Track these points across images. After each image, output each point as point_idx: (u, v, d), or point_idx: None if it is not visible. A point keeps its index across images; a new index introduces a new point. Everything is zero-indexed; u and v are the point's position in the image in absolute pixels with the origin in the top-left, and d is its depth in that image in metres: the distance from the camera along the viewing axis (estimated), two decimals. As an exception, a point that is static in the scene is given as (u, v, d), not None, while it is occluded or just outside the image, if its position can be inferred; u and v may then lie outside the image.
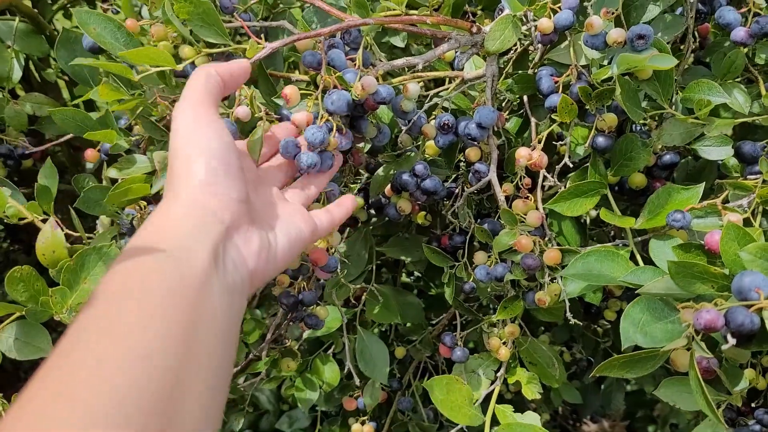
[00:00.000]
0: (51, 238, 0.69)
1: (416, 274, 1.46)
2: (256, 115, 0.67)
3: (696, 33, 0.97)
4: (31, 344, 0.71)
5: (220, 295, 0.48)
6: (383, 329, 1.17)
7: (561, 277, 0.76)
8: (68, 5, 1.53)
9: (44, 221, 0.77)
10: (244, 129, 0.71)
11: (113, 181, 0.74)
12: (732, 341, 0.58)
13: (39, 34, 1.20)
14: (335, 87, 0.69)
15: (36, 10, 1.16)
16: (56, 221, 0.72)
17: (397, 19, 0.70)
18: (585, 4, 0.74)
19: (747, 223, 0.69)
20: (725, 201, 0.73)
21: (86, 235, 0.79)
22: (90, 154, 0.86)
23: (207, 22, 0.68)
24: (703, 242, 0.69)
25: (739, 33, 0.72)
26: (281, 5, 0.96)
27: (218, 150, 0.54)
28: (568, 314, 0.74)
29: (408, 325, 1.20)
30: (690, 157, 0.99)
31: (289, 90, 0.68)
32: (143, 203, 0.77)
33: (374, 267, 1.02)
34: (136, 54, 0.66)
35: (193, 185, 0.52)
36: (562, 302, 0.76)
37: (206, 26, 0.68)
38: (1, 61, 1.12)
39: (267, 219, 0.59)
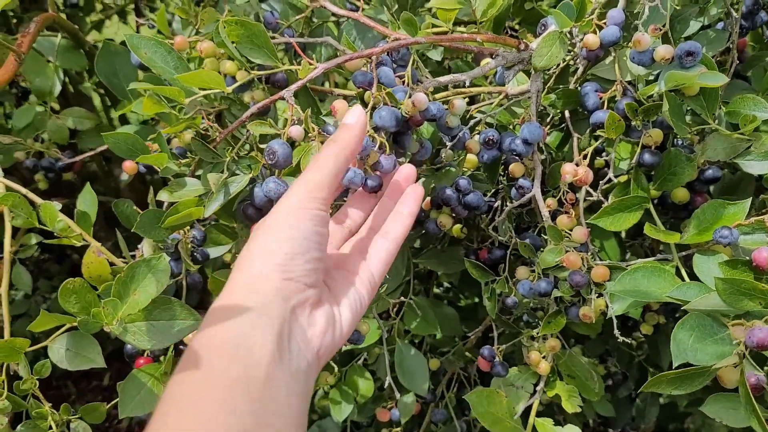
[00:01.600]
0: (96, 263, 0.71)
1: (445, 284, 1.47)
2: (310, 133, 0.68)
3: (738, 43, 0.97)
4: (81, 355, 0.72)
5: (286, 384, 0.49)
6: (416, 341, 1.18)
7: (607, 293, 0.76)
8: (103, 20, 1.56)
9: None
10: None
11: (158, 203, 0.75)
12: (789, 360, 0.59)
13: (78, 49, 1.22)
14: (385, 103, 0.70)
15: (77, 27, 1.19)
16: (98, 248, 0.73)
17: (448, 37, 0.71)
18: (634, 22, 0.74)
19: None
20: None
21: (130, 254, 0.81)
22: (129, 165, 0.87)
23: (257, 44, 0.69)
24: (749, 258, 0.69)
25: (789, 51, 0.72)
26: (316, 20, 0.98)
27: (303, 244, 0.54)
28: (616, 332, 0.74)
29: (438, 336, 1.21)
30: (726, 170, 0.99)
31: (339, 104, 0.69)
32: (186, 228, 0.78)
33: (411, 279, 1.03)
34: (190, 78, 0.67)
35: (271, 263, 0.53)
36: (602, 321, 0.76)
37: (256, 48, 0.70)
38: (44, 76, 1.14)
39: (333, 294, 0.59)
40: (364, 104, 0.71)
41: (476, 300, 1.37)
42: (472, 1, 0.71)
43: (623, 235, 1.10)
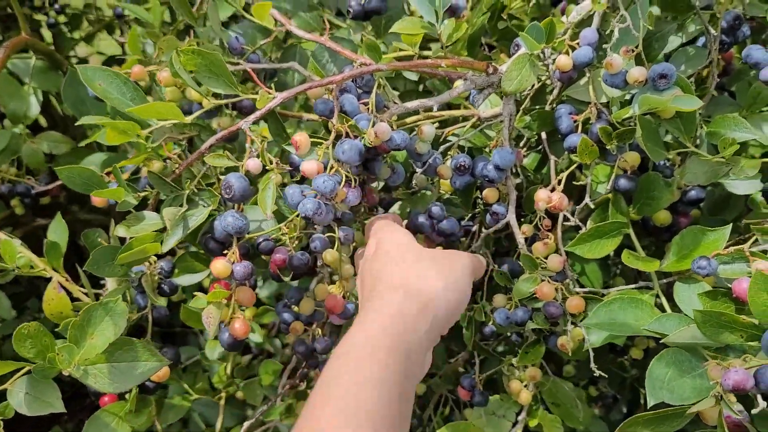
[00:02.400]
0: (56, 300, 0.69)
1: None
2: (267, 167, 0.66)
3: (719, 59, 0.94)
4: (41, 399, 0.70)
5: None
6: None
7: (583, 325, 0.73)
8: (87, 36, 1.55)
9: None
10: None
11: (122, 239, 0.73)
12: (763, 404, 0.56)
13: (56, 69, 1.20)
14: (347, 135, 0.67)
15: (53, 47, 1.17)
16: (60, 283, 0.71)
17: (411, 63, 0.69)
18: (604, 45, 0.72)
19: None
20: (753, 243, 0.70)
21: (93, 291, 0.78)
22: (97, 199, 0.84)
23: (215, 73, 0.67)
24: (730, 288, 0.66)
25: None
26: (291, 40, 0.95)
27: (466, 297, 0.62)
28: (593, 366, 0.72)
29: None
30: (714, 188, 0.96)
31: (300, 137, 0.66)
32: (153, 259, 0.76)
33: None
34: (144, 110, 0.65)
35: (439, 288, 0.59)
36: (586, 350, 0.74)
37: (214, 77, 0.67)
38: (18, 99, 1.13)
39: None
40: (328, 131, 0.69)
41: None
42: (437, 26, 0.68)
43: (611, 254, 1.07)
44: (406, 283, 0.58)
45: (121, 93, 0.69)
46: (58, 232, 0.81)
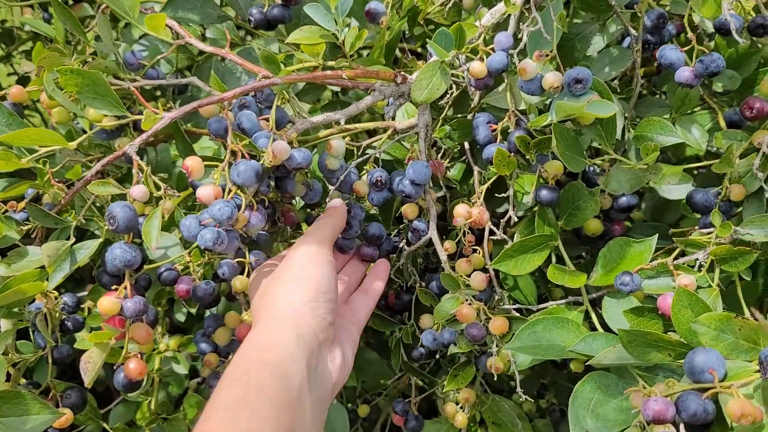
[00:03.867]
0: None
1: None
2: (155, 194, 0.61)
3: (651, 56, 0.91)
4: None
5: (311, 411, 0.54)
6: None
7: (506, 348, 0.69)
8: (5, 57, 1.48)
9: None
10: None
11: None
12: (686, 433, 0.52)
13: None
14: (243, 156, 0.62)
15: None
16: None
17: (310, 76, 0.64)
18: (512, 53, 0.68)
19: (703, 282, 0.63)
20: (680, 254, 0.67)
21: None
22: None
23: (99, 94, 0.62)
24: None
25: (684, 73, 0.66)
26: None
27: (325, 282, 0.61)
28: (519, 390, 0.67)
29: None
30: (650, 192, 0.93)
31: (191, 162, 0.61)
32: (54, 293, 0.69)
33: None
34: (17, 136, 0.59)
35: (298, 303, 0.59)
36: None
37: (99, 98, 0.62)
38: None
39: (338, 333, 0.64)
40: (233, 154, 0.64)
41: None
42: (338, 35, 0.64)
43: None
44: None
45: (-6, 118, 0.63)
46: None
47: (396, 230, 0.82)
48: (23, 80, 1.71)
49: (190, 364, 1.08)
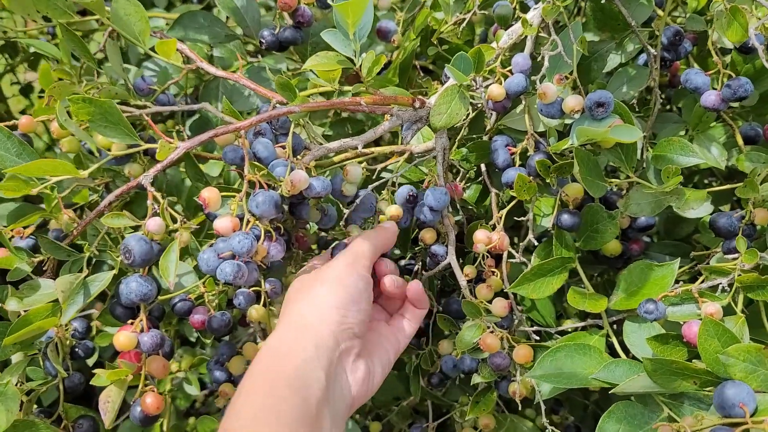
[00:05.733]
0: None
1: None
2: (171, 227, 0.60)
3: (667, 73, 0.90)
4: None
5: (329, 424, 0.53)
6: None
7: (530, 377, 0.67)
8: (9, 68, 1.47)
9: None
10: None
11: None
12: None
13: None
14: (261, 186, 0.61)
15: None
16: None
17: (328, 103, 0.63)
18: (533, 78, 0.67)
19: (728, 310, 0.62)
20: (699, 273, 0.66)
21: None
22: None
23: (111, 122, 0.60)
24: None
25: (710, 98, 0.65)
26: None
27: (357, 293, 0.60)
28: (545, 420, 0.66)
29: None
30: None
31: (208, 193, 0.60)
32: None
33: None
34: (29, 168, 0.58)
35: (326, 306, 0.58)
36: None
37: (110, 126, 0.61)
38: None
39: (370, 349, 0.63)
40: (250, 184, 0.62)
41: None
42: (355, 60, 0.63)
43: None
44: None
45: (5, 149, 0.62)
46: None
47: (411, 254, 0.81)
48: (26, 89, 1.69)
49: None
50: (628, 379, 0.60)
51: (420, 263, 0.79)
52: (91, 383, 0.62)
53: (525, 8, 0.75)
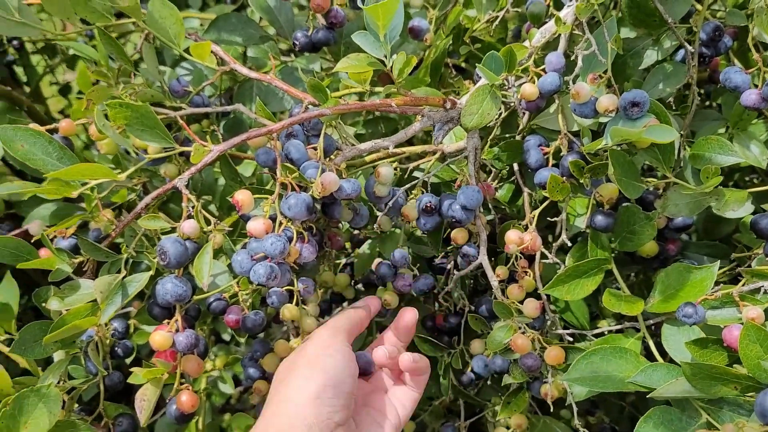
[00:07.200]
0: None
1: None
2: (205, 229, 0.60)
3: (706, 69, 0.88)
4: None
5: None
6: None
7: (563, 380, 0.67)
8: (48, 69, 1.50)
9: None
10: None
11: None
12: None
13: (17, 109, 1.15)
14: (294, 188, 0.62)
15: (8, 88, 1.12)
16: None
17: (359, 105, 0.63)
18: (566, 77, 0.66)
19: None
20: (739, 274, 0.64)
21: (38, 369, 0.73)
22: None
23: (147, 126, 0.62)
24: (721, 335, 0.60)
25: (751, 97, 0.63)
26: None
27: (336, 375, 0.57)
28: (577, 423, 0.66)
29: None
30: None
31: (242, 196, 0.61)
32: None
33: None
34: (70, 172, 0.60)
35: (303, 397, 0.55)
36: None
37: (147, 130, 0.62)
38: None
39: (362, 428, 0.61)
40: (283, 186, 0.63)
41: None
42: (386, 62, 0.63)
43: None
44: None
45: (47, 153, 0.63)
46: (8, 292, 0.75)
47: (443, 253, 0.80)
48: (65, 89, 1.74)
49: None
50: (665, 384, 0.59)
51: (452, 263, 0.78)
52: (128, 381, 0.63)
53: (559, 5, 0.74)
